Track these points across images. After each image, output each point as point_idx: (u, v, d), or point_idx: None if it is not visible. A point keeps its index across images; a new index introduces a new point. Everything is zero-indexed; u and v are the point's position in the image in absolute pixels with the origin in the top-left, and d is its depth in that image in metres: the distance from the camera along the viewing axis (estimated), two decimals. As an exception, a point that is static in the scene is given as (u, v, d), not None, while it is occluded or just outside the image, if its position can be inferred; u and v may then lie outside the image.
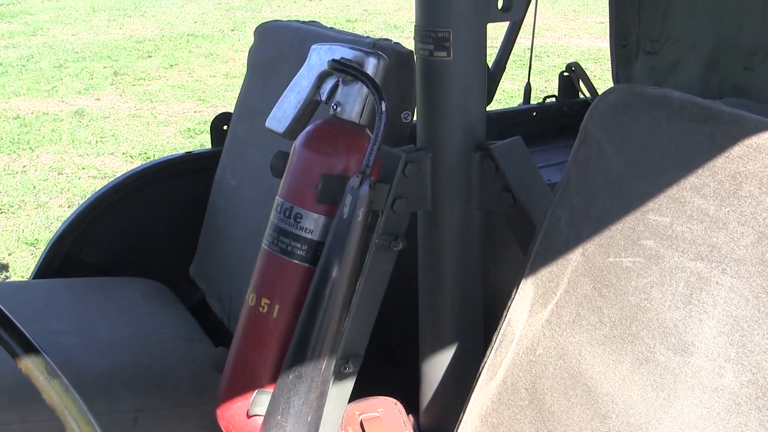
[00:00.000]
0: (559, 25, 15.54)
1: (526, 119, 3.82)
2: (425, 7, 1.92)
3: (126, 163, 8.01)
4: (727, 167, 1.47)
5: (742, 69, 3.51)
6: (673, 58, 3.79)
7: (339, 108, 1.85)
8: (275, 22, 3.11)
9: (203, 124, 9.17)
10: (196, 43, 13.79)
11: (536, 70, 11.01)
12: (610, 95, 1.70)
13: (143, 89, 10.87)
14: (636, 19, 3.89)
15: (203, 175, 3.19)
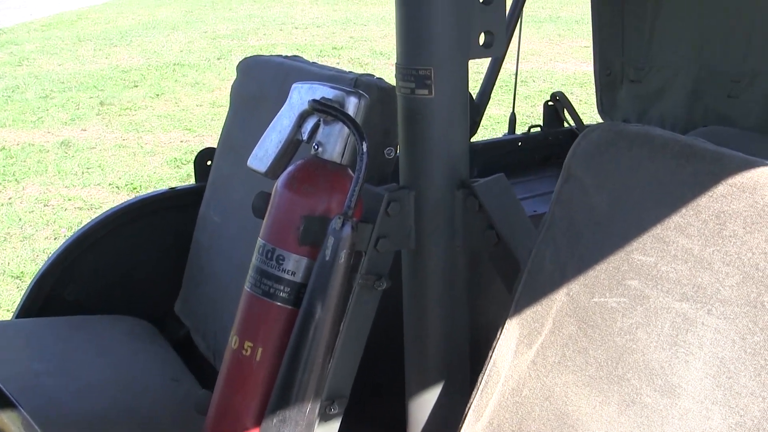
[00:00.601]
0: (544, 50, 15.59)
1: (512, 149, 3.81)
2: (406, 44, 1.91)
3: (112, 194, 7.99)
4: (711, 206, 1.46)
5: (726, 97, 3.51)
6: (657, 86, 3.79)
7: (320, 148, 1.84)
8: (258, 57, 3.10)
9: (190, 154, 9.14)
10: (182, 72, 13.79)
11: (522, 95, 11.05)
12: (593, 133, 1.69)
13: (129, 119, 10.85)
14: (620, 48, 3.90)
15: (187, 211, 3.17)
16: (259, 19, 20.68)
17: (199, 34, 18.11)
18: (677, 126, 3.68)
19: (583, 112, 9.98)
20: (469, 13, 1.90)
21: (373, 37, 17.28)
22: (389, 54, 15.03)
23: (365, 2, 23.83)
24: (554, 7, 22.10)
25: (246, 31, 18.45)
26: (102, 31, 18.93)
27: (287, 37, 17.68)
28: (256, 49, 15.91)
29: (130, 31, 18.74)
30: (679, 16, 3.63)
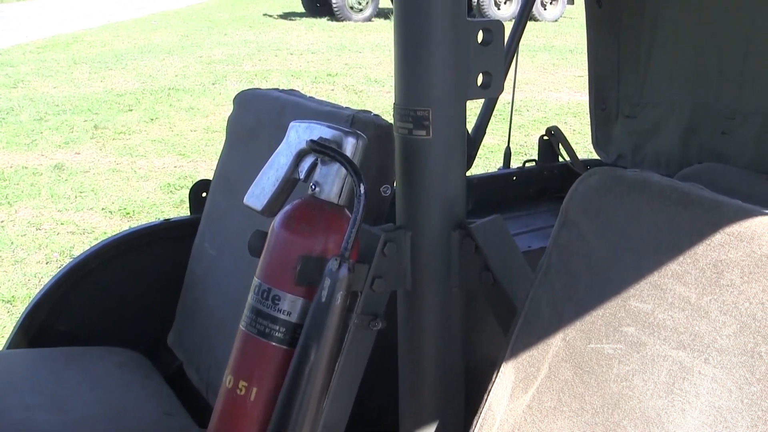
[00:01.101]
0: (538, 80, 15.65)
1: (506, 184, 3.81)
2: (405, 85, 1.92)
3: (105, 219, 7.98)
4: (708, 255, 1.46)
5: (720, 134, 3.52)
6: (652, 122, 3.80)
7: (318, 188, 1.85)
8: (254, 90, 3.10)
9: (183, 180, 9.16)
10: (177, 97, 13.81)
11: (516, 125, 11.07)
12: (590, 178, 1.69)
13: (123, 143, 10.86)
14: (615, 83, 3.91)
15: (181, 243, 3.17)
16: (254, 44, 20.75)
17: (195, 59, 18.15)
18: (672, 162, 3.69)
19: (577, 142, 10.03)
20: (468, 54, 1.91)
21: (368, 65, 17.34)
22: (384, 81, 15.07)
23: (360, 29, 23.94)
24: (548, 36, 22.24)
25: (241, 57, 18.50)
26: (97, 54, 18.97)
27: (282, 63, 17.72)
28: (251, 75, 15.95)
29: (126, 55, 18.79)
30: (673, 53, 3.65)
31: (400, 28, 1.91)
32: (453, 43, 1.88)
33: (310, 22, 26.08)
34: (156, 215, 8.07)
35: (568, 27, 25.13)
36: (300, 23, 26.01)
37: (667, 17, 3.62)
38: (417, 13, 1.87)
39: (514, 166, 3.95)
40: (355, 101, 13.31)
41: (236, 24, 25.76)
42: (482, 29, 1.95)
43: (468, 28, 1.92)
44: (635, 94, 3.83)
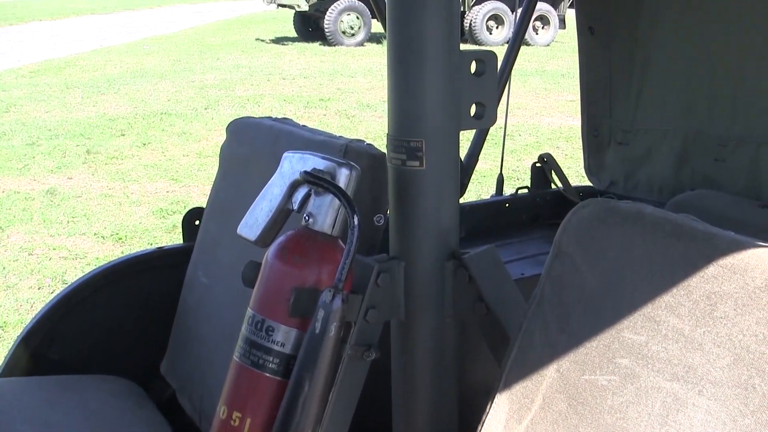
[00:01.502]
0: (530, 104, 15.70)
1: (499, 211, 3.81)
2: (398, 116, 1.92)
3: (97, 244, 7.97)
4: (702, 287, 1.46)
5: (713, 160, 3.53)
6: (645, 148, 3.81)
7: (311, 219, 1.85)
8: (248, 119, 3.10)
9: (175, 205, 9.16)
10: (169, 122, 13.83)
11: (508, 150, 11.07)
12: (584, 209, 1.70)
13: (116, 168, 10.86)
14: (607, 110, 3.92)
15: (174, 271, 3.16)
16: (246, 69, 20.80)
17: (187, 84, 18.19)
18: (664, 189, 3.69)
19: (569, 166, 10.09)
20: (461, 85, 1.92)
21: (360, 89, 17.38)
22: (376, 106, 15.11)
23: (352, 54, 24.01)
24: (540, 61, 22.32)
25: (233, 81, 18.54)
26: (90, 79, 19.01)
27: (274, 87, 17.76)
28: (244, 100, 15.98)
29: (118, 79, 18.83)
30: (666, 80, 3.66)
31: (394, 59, 1.91)
32: (446, 73, 1.89)
33: (302, 47, 26.14)
34: (148, 240, 8.06)
35: (560, 51, 25.23)
36: (292, 48, 26.07)
37: (659, 45, 3.63)
38: (410, 44, 1.88)
39: (506, 193, 3.95)
40: (348, 126, 13.33)
41: (229, 49, 25.83)
42: (475, 60, 1.96)
43: (461, 58, 1.92)
44: (628, 121, 3.84)
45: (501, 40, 26.89)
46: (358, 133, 12.79)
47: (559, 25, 27.96)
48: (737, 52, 3.33)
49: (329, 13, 26.00)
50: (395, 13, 1.91)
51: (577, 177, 9.20)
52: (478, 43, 26.47)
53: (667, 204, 3.37)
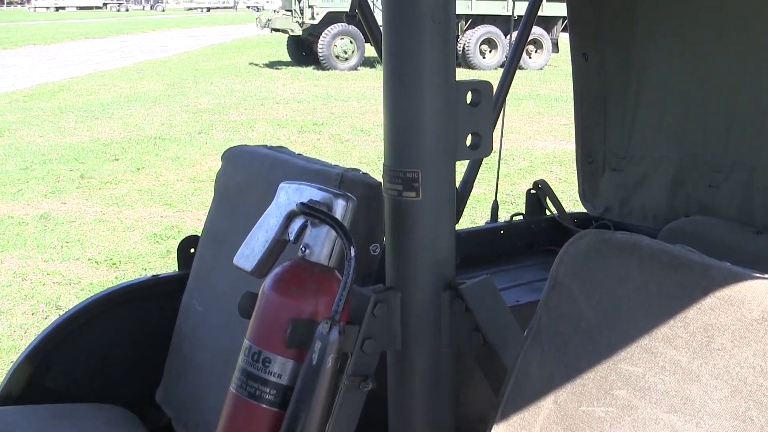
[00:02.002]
0: (523, 128, 15.74)
1: (494, 237, 3.81)
2: (394, 147, 1.93)
3: (91, 269, 7.97)
4: (699, 319, 1.46)
5: (707, 186, 3.53)
6: (639, 175, 3.81)
7: (308, 250, 1.85)
8: (243, 147, 3.11)
9: (170, 230, 9.16)
10: (163, 146, 13.84)
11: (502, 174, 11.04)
12: (580, 241, 1.70)
13: (110, 193, 10.86)
14: (602, 136, 3.93)
15: (170, 299, 3.15)
16: (240, 93, 20.84)
17: (181, 108, 18.22)
18: (659, 215, 3.70)
19: (563, 190, 10.10)
20: (457, 116, 1.93)
21: (354, 113, 17.41)
22: (370, 131, 15.13)
23: (346, 78, 24.06)
24: (533, 85, 22.40)
25: (227, 106, 18.57)
26: (84, 103, 19.02)
27: (268, 112, 17.79)
28: (238, 124, 16.00)
29: (112, 104, 18.85)
30: (660, 107, 3.67)
31: (390, 90, 1.92)
32: (442, 104, 1.89)
33: (295, 71, 26.22)
34: (142, 266, 8.06)
35: (553, 75, 25.33)
36: (286, 72, 26.14)
37: (652, 71, 3.64)
38: (406, 75, 1.88)
39: (501, 220, 3.96)
40: (342, 151, 13.35)
41: (222, 73, 25.88)
42: (471, 90, 1.96)
43: (457, 89, 1.93)
44: (622, 148, 3.85)
45: (494, 64, 27.02)
46: (352, 157, 12.82)
47: (552, 48, 28.09)
48: (730, 78, 3.34)
49: (323, 38, 26.10)
50: (391, 44, 1.91)
51: (571, 201, 9.22)
52: (472, 67, 26.57)
53: (662, 231, 3.38)
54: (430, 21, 1.86)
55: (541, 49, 27.71)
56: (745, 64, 3.27)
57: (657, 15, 3.53)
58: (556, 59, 28.34)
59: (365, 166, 12.15)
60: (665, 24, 3.53)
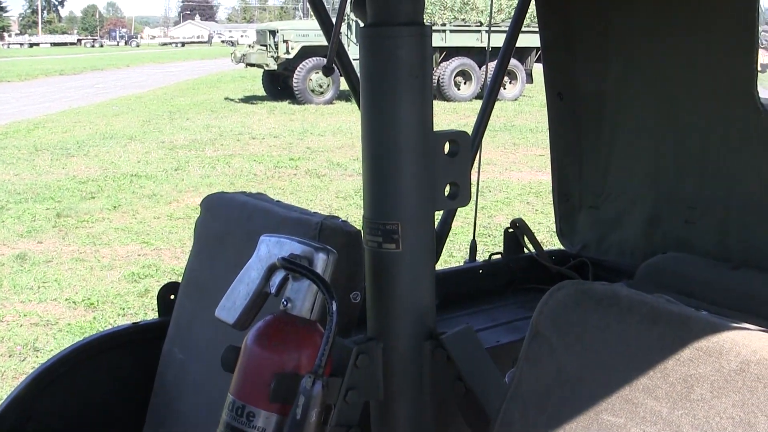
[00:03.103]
0: (499, 159, 15.81)
1: (473, 277, 3.83)
2: (374, 199, 1.94)
3: (69, 310, 7.94)
4: (678, 370, 1.48)
5: (684, 222, 3.56)
6: (616, 212, 3.84)
7: (289, 304, 1.85)
8: (222, 194, 3.11)
9: (147, 268, 9.14)
10: (139, 184, 13.83)
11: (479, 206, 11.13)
12: (559, 292, 1.71)
13: (87, 231, 10.84)
14: (578, 174, 3.96)
15: (151, 347, 3.15)
16: (216, 129, 20.86)
17: (157, 145, 18.22)
18: (636, 252, 3.73)
19: (540, 221, 10.15)
20: (435, 167, 1.95)
21: (330, 148, 17.45)
22: (346, 165, 15.17)
23: (321, 112, 24.13)
24: (509, 116, 22.51)
25: (203, 142, 18.59)
26: (59, 141, 18.99)
27: (244, 147, 17.81)
28: (214, 160, 16.01)
29: (88, 141, 18.83)
30: (635, 144, 3.70)
31: (368, 142, 1.94)
32: (421, 156, 1.91)
33: (271, 106, 26.26)
34: (120, 305, 8.03)
35: (527, 106, 25.47)
36: (261, 107, 26.18)
37: (627, 110, 3.68)
38: (384, 127, 1.90)
39: (480, 259, 3.98)
40: (319, 186, 13.37)
41: (198, 108, 25.91)
42: (449, 141, 1.98)
43: (435, 140, 1.95)
44: (598, 185, 3.88)
45: (469, 96, 27.15)
46: (329, 192, 12.84)
47: (526, 79, 28.24)
48: (703, 117, 3.37)
49: (298, 72, 26.15)
50: (369, 98, 1.94)
51: (548, 233, 9.27)
52: (447, 99, 26.67)
53: (640, 268, 3.40)
54: (407, 75, 1.89)
55: (515, 80, 27.86)
56: (716, 103, 3.31)
57: (630, 56, 3.57)
58: (530, 89, 28.50)
59: (342, 200, 12.19)
60: (638, 65, 3.57)
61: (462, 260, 8.46)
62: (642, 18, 3.49)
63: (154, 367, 3.11)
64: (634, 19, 3.52)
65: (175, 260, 9.40)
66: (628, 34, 3.56)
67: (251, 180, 13.95)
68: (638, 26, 3.52)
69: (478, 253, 4.05)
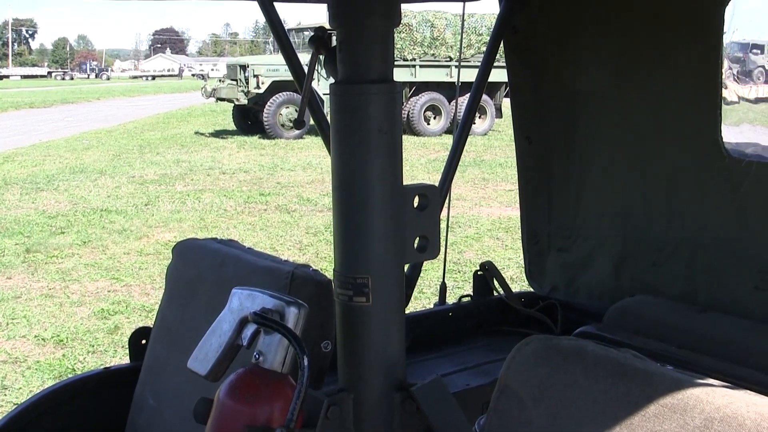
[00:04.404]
0: (469, 194, 15.85)
1: (443, 319, 3.86)
2: (344, 253, 1.97)
3: (38, 347, 7.88)
4: (644, 425, 1.51)
5: (651, 265, 3.60)
6: (585, 254, 3.88)
7: (261, 357, 1.88)
8: (194, 240, 3.13)
9: (117, 305, 9.10)
10: (109, 219, 13.77)
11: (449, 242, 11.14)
12: (527, 347, 1.74)
13: (56, 267, 10.78)
14: (547, 217, 4.00)
15: (122, 391, 3.15)
16: (186, 164, 20.83)
17: (127, 179, 18.17)
18: (604, 295, 3.76)
19: (510, 257, 10.19)
20: (405, 220, 1.98)
21: (300, 183, 17.46)
22: (316, 200, 15.18)
23: (291, 147, 24.14)
24: (478, 151, 22.59)
25: (173, 177, 18.55)
26: (28, 175, 18.90)
27: (214, 182, 17.79)
28: (184, 195, 15.98)
29: (57, 175, 18.74)
30: (603, 187, 3.74)
31: (338, 196, 1.97)
32: (390, 210, 1.95)
33: (241, 140, 26.25)
34: (90, 343, 7.98)
35: (497, 141, 25.56)
36: (232, 141, 26.17)
37: (595, 154, 3.72)
38: (354, 182, 1.94)
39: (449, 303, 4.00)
40: (289, 221, 13.35)
41: (168, 143, 25.86)
42: (418, 195, 2.02)
43: (404, 194, 1.98)
44: (567, 228, 3.92)
45: (439, 130, 27.25)
46: (299, 228, 12.83)
47: (495, 114, 28.34)
48: (671, 159, 3.42)
49: (268, 106, 26.16)
50: (339, 154, 1.97)
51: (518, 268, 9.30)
52: (417, 134, 26.74)
53: (608, 311, 3.43)
54: (376, 132, 1.92)
55: (484, 115, 27.95)
56: (683, 147, 3.36)
57: (598, 100, 3.62)
58: (500, 124, 28.61)
59: (313, 236, 12.19)
60: (606, 109, 3.62)
61: (432, 296, 8.50)
62: (609, 62, 3.55)
63: (126, 411, 3.11)
64: (601, 63, 3.58)
65: (145, 297, 9.37)
66: (596, 78, 3.61)
67: (221, 215, 13.94)
68: (605, 70, 3.57)
69: (448, 289, 4.08)
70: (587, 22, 3.58)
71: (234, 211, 14.44)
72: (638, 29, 3.41)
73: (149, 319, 7.92)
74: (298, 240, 12.01)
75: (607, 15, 3.50)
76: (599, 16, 3.53)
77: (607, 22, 3.51)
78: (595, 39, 3.57)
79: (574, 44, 3.64)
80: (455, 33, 27.35)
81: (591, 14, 3.55)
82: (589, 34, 3.59)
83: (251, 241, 11.72)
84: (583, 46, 3.62)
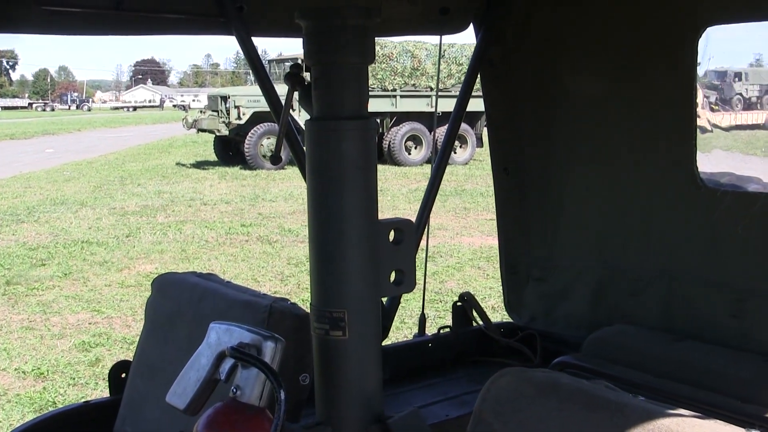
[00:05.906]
0: (450, 224, 15.88)
1: (422, 350, 3.88)
2: (320, 287, 2.00)
3: (18, 380, 7.86)
4: (617, 457, 1.53)
5: (628, 295, 3.64)
6: (562, 284, 3.91)
7: (239, 391, 1.89)
8: (173, 274, 3.15)
9: (98, 337, 9.07)
10: (90, 251, 13.74)
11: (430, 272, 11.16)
12: (501, 379, 1.76)
13: (37, 299, 10.74)
14: (525, 247, 4.03)
15: (102, 425, 3.15)
16: (167, 195, 20.80)
17: (108, 211, 18.14)
18: (582, 325, 3.78)
19: (491, 287, 10.20)
20: (380, 255, 2.00)
21: (282, 214, 17.47)
22: (297, 231, 15.18)
23: (273, 177, 24.13)
24: (459, 180, 22.63)
25: (155, 208, 18.53)
26: (9, 207, 18.85)
27: (196, 213, 17.77)
28: (165, 227, 15.96)
29: (38, 207, 18.70)
30: (580, 218, 3.78)
31: (315, 231, 2.00)
32: (365, 245, 1.97)
33: (223, 171, 26.25)
34: (71, 375, 7.96)
35: (478, 170, 25.61)
36: (213, 172, 26.17)
37: (572, 185, 3.76)
38: (330, 217, 1.96)
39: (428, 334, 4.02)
40: (270, 252, 13.35)
41: (149, 174, 25.83)
42: (394, 229, 2.04)
43: (380, 229, 2.01)
44: (544, 258, 3.95)
45: (420, 160, 27.29)
46: (280, 258, 12.83)
47: (476, 143, 28.40)
48: (647, 192, 3.46)
49: (249, 137, 26.16)
50: (315, 187, 2.00)
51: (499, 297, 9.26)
52: (397, 164, 26.78)
53: (586, 341, 3.45)
54: (352, 167, 1.95)
55: (465, 144, 28.01)
56: (659, 178, 3.40)
57: (574, 132, 3.66)
58: (480, 153, 28.65)
59: (294, 267, 12.18)
60: (583, 141, 3.66)
61: (413, 326, 8.49)
62: (585, 96, 3.58)
63: None
64: (577, 96, 3.61)
65: (126, 329, 9.35)
66: (572, 111, 3.65)
67: (203, 247, 13.92)
68: (582, 104, 3.61)
69: (429, 319, 4.10)
70: (563, 57, 3.63)
71: (215, 242, 14.43)
72: (613, 62, 3.45)
73: (130, 351, 7.89)
74: (279, 271, 12.01)
75: (583, 50, 3.54)
76: (574, 51, 3.57)
77: (582, 56, 3.56)
78: (571, 73, 3.61)
79: (549, 77, 3.68)
80: (435, 63, 27.45)
81: (566, 49, 3.59)
82: (565, 68, 3.63)
83: (233, 272, 11.72)
84: (558, 79, 3.66)
